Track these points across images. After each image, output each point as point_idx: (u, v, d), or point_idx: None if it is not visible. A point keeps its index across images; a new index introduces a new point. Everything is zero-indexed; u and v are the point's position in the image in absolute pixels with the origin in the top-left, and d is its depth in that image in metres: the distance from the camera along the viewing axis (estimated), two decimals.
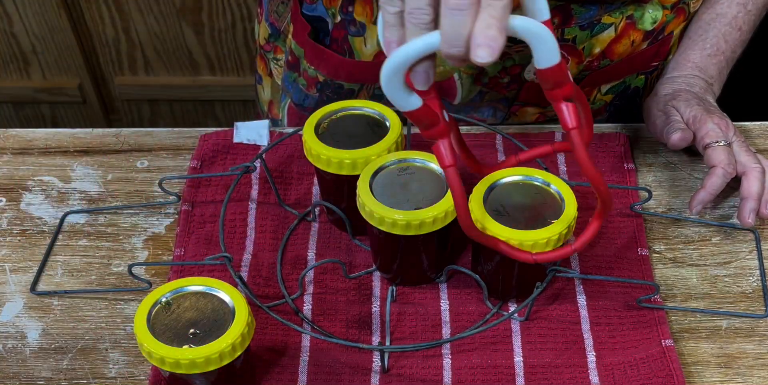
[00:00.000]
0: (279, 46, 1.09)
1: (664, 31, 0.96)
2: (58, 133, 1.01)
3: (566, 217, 0.77)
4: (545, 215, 0.78)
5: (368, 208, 0.78)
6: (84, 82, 1.93)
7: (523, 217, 0.78)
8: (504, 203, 0.79)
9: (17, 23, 1.82)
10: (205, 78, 1.93)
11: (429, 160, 0.82)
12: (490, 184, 0.80)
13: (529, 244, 0.75)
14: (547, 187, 0.80)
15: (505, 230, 0.76)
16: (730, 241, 0.90)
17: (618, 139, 0.97)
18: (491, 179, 0.80)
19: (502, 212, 0.78)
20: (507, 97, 1.00)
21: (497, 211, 0.78)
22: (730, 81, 1.02)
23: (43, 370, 0.81)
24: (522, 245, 0.76)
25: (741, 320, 0.83)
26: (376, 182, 0.81)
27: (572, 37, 0.92)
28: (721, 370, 0.80)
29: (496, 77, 0.96)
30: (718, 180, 0.88)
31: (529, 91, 0.98)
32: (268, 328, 0.83)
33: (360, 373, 0.80)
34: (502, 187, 0.80)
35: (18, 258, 0.90)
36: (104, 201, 0.94)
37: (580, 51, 0.93)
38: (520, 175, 0.80)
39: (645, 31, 0.94)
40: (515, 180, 0.80)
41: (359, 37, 0.97)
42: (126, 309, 0.85)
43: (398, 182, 0.81)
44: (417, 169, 0.82)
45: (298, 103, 1.08)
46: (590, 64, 0.95)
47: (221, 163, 0.96)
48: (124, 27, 1.83)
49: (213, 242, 0.89)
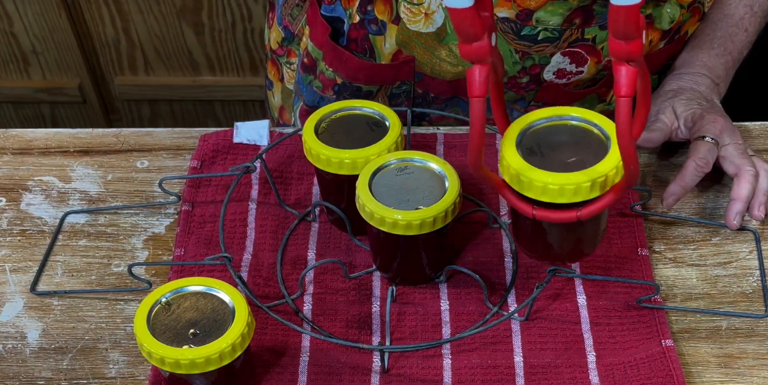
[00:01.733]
0: (293, 50, 1.09)
1: (680, 30, 0.97)
2: (58, 133, 1.01)
3: (612, 157, 0.69)
4: (587, 156, 0.70)
5: (368, 208, 0.78)
6: (84, 82, 1.93)
7: (563, 159, 0.69)
8: (540, 143, 0.70)
9: (17, 23, 1.82)
10: (205, 78, 1.92)
11: (428, 160, 0.82)
12: (527, 123, 0.72)
13: (570, 188, 0.67)
14: (590, 127, 0.72)
15: (540, 174, 0.68)
16: (730, 241, 0.90)
17: None
18: (528, 119, 0.72)
19: (536, 152, 0.70)
20: (524, 98, 1.00)
21: (531, 150, 0.70)
22: (731, 81, 1.02)
23: (43, 370, 0.81)
24: (563, 189, 0.67)
25: (741, 320, 0.83)
26: (376, 182, 0.80)
27: (592, 36, 0.92)
28: (721, 370, 0.80)
29: (515, 77, 0.96)
30: (687, 173, 0.89)
31: (546, 91, 0.98)
32: (268, 328, 0.83)
33: (360, 373, 0.80)
34: (540, 127, 0.72)
35: (18, 258, 0.90)
36: (104, 201, 0.94)
37: (599, 51, 0.93)
38: (558, 114, 0.73)
39: (662, 31, 0.95)
40: (553, 121, 0.72)
41: (380, 37, 0.97)
42: (126, 309, 0.85)
43: (398, 182, 0.80)
44: (416, 169, 0.82)
45: (311, 105, 1.08)
46: (609, 64, 0.95)
47: (221, 163, 0.96)
48: (124, 27, 1.83)
49: (213, 242, 0.89)
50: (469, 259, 0.87)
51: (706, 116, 0.91)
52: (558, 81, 0.96)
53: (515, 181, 0.70)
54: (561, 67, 0.95)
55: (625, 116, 0.61)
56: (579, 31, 0.91)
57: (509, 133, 0.72)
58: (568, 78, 0.96)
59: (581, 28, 0.91)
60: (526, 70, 0.95)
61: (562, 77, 0.96)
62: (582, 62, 0.94)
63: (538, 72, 0.96)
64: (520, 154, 0.70)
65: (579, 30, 0.91)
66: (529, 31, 0.91)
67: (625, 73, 0.61)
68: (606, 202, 0.69)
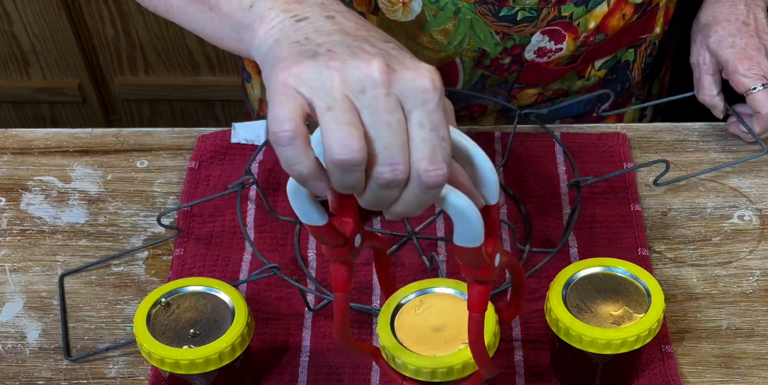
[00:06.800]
0: None
1: (651, 2, 0.97)
2: (58, 133, 1.01)
3: (654, 309, 0.72)
4: (629, 308, 0.73)
5: (399, 360, 0.70)
6: (84, 82, 1.93)
7: (606, 312, 0.73)
8: (584, 299, 0.74)
9: (17, 23, 1.82)
10: (205, 78, 1.92)
11: (440, 285, 0.74)
12: (566, 280, 0.74)
13: (617, 343, 0.71)
14: (631, 279, 0.75)
15: (588, 329, 0.71)
16: (730, 241, 0.90)
17: (617, 139, 0.97)
18: (568, 273, 0.75)
19: (583, 308, 0.73)
20: (507, 81, 1.00)
21: (578, 308, 0.73)
22: None
23: (43, 370, 0.81)
24: (610, 344, 0.71)
25: (741, 320, 0.83)
26: (399, 328, 0.72)
27: (569, 13, 0.93)
28: (721, 370, 0.80)
29: (498, 58, 0.97)
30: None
31: (528, 71, 0.99)
32: (268, 328, 0.83)
33: (360, 373, 0.80)
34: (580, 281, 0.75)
35: (18, 258, 0.90)
36: (104, 201, 0.94)
37: (575, 27, 0.94)
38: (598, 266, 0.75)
39: (635, 4, 0.96)
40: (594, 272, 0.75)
41: None
42: (126, 309, 0.85)
43: (421, 320, 0.72)
44: (434, 300, 0.73)
45: None
46: (586, 39, 0.96)
47: (219, 164, 0.96)
48: (124, 27, 1.83)
49: (213, 242, 0.89)
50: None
51: (740, 63, 0.91)
52: (539, 60, 0.97)
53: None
54: (541, 46, 0.95)
55: (478, 329, 0.64)
56: (556, 9, 0.92)
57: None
58: (548, 56, 0.97)
59: (557, 5, 0.92)
60: (508, 51, 0.96)
61: (542, 56, 0.97)
62: (560, 39, 0.95)
63: (519, 52, 0.96)
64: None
65: (555, 8, 0.92)
66: (507, 12, 0.91)
67: (476, 292, 0.62)
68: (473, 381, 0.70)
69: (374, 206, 0.56)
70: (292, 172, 0.54)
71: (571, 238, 0.89)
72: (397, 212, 0.56)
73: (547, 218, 0.91)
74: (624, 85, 1.07)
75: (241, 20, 0.65)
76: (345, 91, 0.53)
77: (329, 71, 0.54)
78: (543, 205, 0.92)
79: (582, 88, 1.05)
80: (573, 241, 0.88)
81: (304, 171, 0.53)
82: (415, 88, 0.54)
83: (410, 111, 0.54)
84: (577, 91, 1.05)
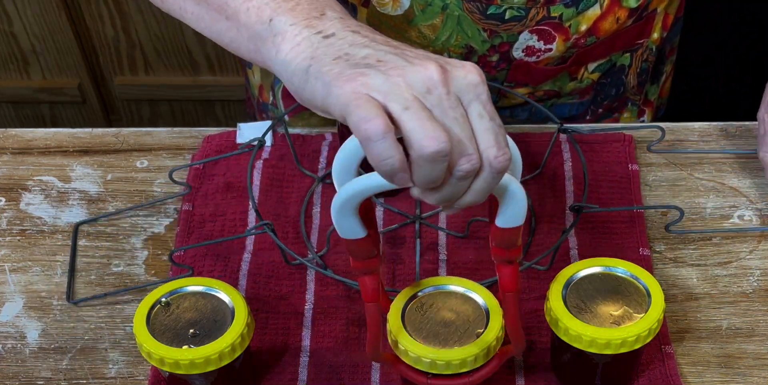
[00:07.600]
0: None
1: (648, 8, 0.97)
2: (57, 133, 1.01)
3: (655, 309, 0.72)
4: (629, 308, 0.73)
5: (412, 353, 0.70)
6: (84, 82, 1.93)
7: (607, 312, 0.73)
8: (584, 299, 0.74)
9: (17, 23, 1.82)
10: (205, 78, 1.92)
11: (438, 283, 0.75)
12: (566, 279, 0.74)
13: (617, 343, 0.71)
14: (631, 279, 0.75)
15: (588, 329, 0.71)
16: (730, 241, 0.90)
17: (622, 140, 0.97)
18: (566, 274, 0.75)
19: (584, 308, 0.73)
20: (497, 79, 1.00)
21: (578, 308, 0.73)
22: (731, 81, 1.02)
23: (43, 370, 0.81)
24: (609, 344, 0.71)
25: (741, 320, 0.83)
26: (409, 326, 0.72)
27: (558, 14, 0.93)
28: (721, 370, 0.80)
29: (485, 55, 0.97)
30: None
31: (517, 69, 0.99)
32: (268, 328, 0.83)
33: (360, 372, 0.80)
34: (580, 281, 0.75)
35: (18, 258, 0.90)
36: (104, 201, 0.94)
37: (566, 28, 0.94)
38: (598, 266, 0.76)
39: (630, 9, 0.95)
40: (594, 272, 0.75)
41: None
42: (125, 309, 0.85)
43: (428, 319, 0.73)
44: (436, 298, 0.74)
45: None
46: (577, 41, 0.96)
47: (224, 164, 0.96)
48: (124, 27, 1.83)
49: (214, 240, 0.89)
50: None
51: None
52: (528, 59, 0.97)
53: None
54: (529, 45, 0.95)
55: (513, 307, 0.67)
56: (545, 10, 0.92)
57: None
58: (537, 56, 0.97)
59: (546, 6, 0.92)
60: (495, 48, 0.96)
61: (531, 55, 0.97)
62: (550, 40, 0.95)
63: (507, 50, 0.96)
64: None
65: (544, 8, 0.92)
66: (495, 10, 0.91)
67: (508, 272, 0.66)
68: (492, 368, 0.72)
69: (448, 199, 0.59)
70: (383, 167, 0.56)
71: (571, 238, 0.89)
72: (467, 202, 0.60)
73: (551, 218, 0.91)
74: (618, 90, 1.07)
75: (260, 33, 0.66)
76: (414, 93, 0.57)
77: (393, 77, 0.57)
78: (545, 205, 0.92)
79: (574, 90, 1.05)
80: (573, 241, 0.89)
81: (396, 164, 0.56)
82: (468, 84, 0.58)
83: (468, 105, 0.58)
84: (569, 93, 1.05)
